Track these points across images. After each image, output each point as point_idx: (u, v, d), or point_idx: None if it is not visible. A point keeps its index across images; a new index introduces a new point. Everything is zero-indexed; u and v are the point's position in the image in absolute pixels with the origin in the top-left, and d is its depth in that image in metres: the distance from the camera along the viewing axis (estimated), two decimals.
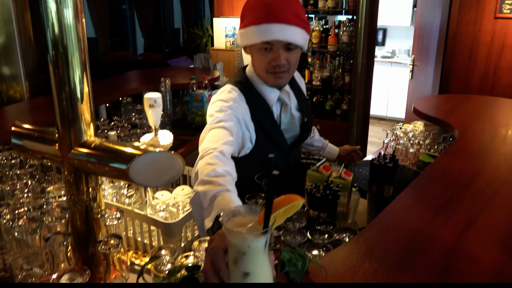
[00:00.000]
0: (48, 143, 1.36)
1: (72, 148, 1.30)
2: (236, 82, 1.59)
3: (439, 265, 1.05)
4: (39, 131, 1.41)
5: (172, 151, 1.24)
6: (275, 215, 0.75)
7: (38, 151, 1.39)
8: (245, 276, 0.72)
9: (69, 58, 1.23)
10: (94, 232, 1.40)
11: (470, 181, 1.53)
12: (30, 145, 1.40)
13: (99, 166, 1.27)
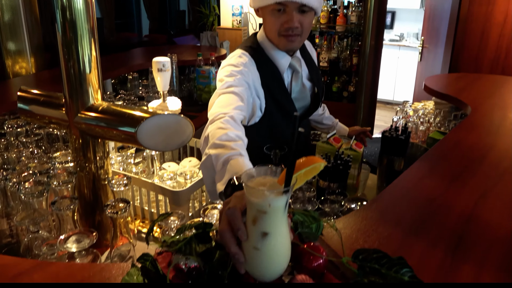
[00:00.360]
0: (54, 107, 1.33)
1: (79, 112, 1.27)
2: (246, 47, 1.55)
3: (455, 230, 1.02)
4: (46, 96, 1.38)
5: (182, 115, 1.22)
6: (296, 176, 0.72)
7: (45, 115, 1.37)
8: (264, 236, 0.70)
9: (77, 23, 1.20)
10: (101, 198, 1.38)
11: (485, 154, 1.50)
12: (37, 109, 1.38)
13: (106, 130, 1.24)
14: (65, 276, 0.84)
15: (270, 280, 0.73)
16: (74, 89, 1.25)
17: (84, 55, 1.24)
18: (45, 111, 1.36)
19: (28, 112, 1.40)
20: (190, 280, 0.77)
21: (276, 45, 1.55)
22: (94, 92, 1.28)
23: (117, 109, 1.25)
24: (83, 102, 1.27)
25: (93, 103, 1.28)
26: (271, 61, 1.55)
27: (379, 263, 0.83)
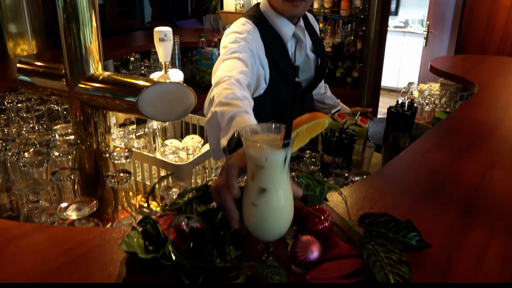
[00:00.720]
0: (54, 78, 1.31)
1: (79, 82, 1.25)
2: (250, 16, 1.52)
3: (464, 199, 1.00)
4: (46, 67, 1.36)
5: (184, 84, 1.19)
6: (297, 131, 0.69)
7: (45, 87, 1.34)
8: (261, 192, 0.67)
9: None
10: (102, 171, 1.36)
11: (493, 129, 1.47)
12: (37, 81, 1.35)
13: (107, 100, 1.22)
14: (64, 239, 0.83)
15: (271, 239, 0.71)
16: (74, 59, 1.23)
17: (85, 25, 1.21)
18: (45, 82, 1.34)
19: (28, 84, 1.37)
20: (192, 241, 0.75)
21: (280, 12, 1.52)
22: (95, 62, 1.25)
23: (118, 78, 1.22)
24: (83, 72, 1.25)
25: (93, 73, 1.25)
26: (274, 30, 1.52)
27: (386, 227, 0.81)
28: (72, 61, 1.23)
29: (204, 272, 0.67)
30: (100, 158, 1.36)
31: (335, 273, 0.69)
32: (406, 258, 0.71)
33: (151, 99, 1.15)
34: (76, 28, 1.20)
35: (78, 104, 1.28)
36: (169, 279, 0.71)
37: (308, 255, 0.71)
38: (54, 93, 1.33)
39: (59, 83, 1.29)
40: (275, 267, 0.64)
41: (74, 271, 0.73)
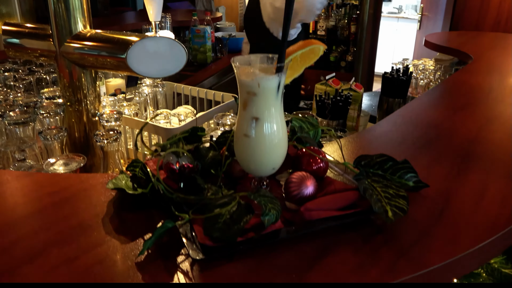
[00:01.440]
0: (41, 38, 1.27)
1: (65, 41, 1.21)
2: None
3: (461, 148, 0.98)
4: (31, 27, 1.32)
5: (175, 39, 1.16)
6: (291, 58, 0.67)
7: (32, 48, 1.30)
8: (254, 122, 0.65)
9: None
10: (91, 134, 1.33)
11: (489, 91, 1.45)
12: (23, 42, 1.31)
13: (95, 57, 1.18)
14: (48, 184, 0.80)
15: (265, 174, 0.68)
16: (61, 17, 1.19)
17: None
18: (32, 43, 1.29)
19: (14, 45, 1.33)
20: (182, 180, 0.73)
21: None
22: (82, 20, 1.22)
23: (106, 34, 1.18)
24: (70, 30, 1.21)
25: (80, 30, 1.21)
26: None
27: (383, 167, 0.78)
28: (59, 19, 1.19)
29: (195, 205, 0.64)
30: (89, 122, 1.32)
31: (331, 205, 0.67)
32: (403, 193, 0.69)
33: (140, 54, 1.12)
34: None
35: (66, 64, 1.24)
36: (158, 216, 0.69)
37: (303, 189, 0.68)
38: (42, 54, 1.29)
39: (45, 43, 1.25)
40: (268, 197, 0.62)
41: (59, 211, 0.70)
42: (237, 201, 0.59)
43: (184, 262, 0.58)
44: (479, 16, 3.91)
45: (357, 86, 1.56)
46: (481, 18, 3.89)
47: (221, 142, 0.81)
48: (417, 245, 0.63)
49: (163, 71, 1.16)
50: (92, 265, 0.57)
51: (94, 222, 0.67)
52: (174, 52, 1.14)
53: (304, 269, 0.57)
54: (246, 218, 0.57)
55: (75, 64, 1.23)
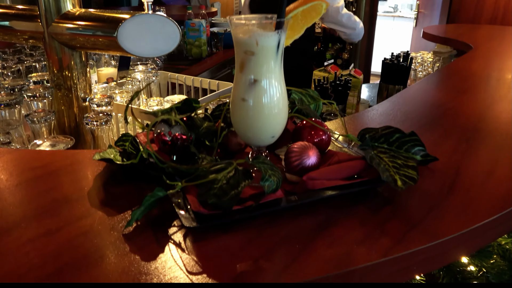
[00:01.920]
0: (28, 19, 1.21)
1: (53, 21, 1.16)
2: None
3: (467, 127, 0.93)
4: (19, 9, 1.26)
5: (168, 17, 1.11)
6: (292, 15, 0.62)
7: (20, 30, 1.25)
8: (252, 84, 0.60)
9: None
10: (81, 120, 1.28)
11: (491, 76, 1.41)
12: (11, 24, 1.26)
13: (85, 37, 1.13)
14: (31, 159, 0.74)
15: (263, 143, 0.63)
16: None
17: None
18: (19, 24, 1.24)
19: (1, 28, 1.28)
20: (176, 153, 0.68)
21: None
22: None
23: (96, 13, 1.13)
24: (59, 9, 1.16)
25: (69, 9, 1.16)
26: None
27: (388, 141, 0.73)
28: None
29: (188, 175, 0.59)
30: (79, 107, 1.27)
31: (335, 174, 0.62)
32: (413, 162, 0.64)
33: (131, 32, 1.07)
34: None
35: (54, 46, 1.19)
36: (148, 190, 0.63)
37: (304, 159, 0.63)
38: (31, 36, 1.24)
39: (33, 24, 1.20)
40: (268, 164, 0.57)
41: (41, 184, 0.65)
42: (234, 166, 0.54)
43: (176, 233, 0.53)
44: (475, 12, 3.88)
45: (356, 72, 1.52)
46: (478, 14, 3.87)
47: (217, 116, 0.76)
48: (428, 217, 0.58)
49: (156, 50, 1.11)
50: (75, 237, 0.52)
51: (79, 196, 0.62)
52: (167, 29, 1.09)
53: (308, 239, 0.52)
54: (244, 183, 0.52)
55: (64, 46, 1.18)
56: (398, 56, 1.55)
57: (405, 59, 1.53)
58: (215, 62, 2.89)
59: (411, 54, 2.55)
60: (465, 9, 3.93)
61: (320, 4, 0.61)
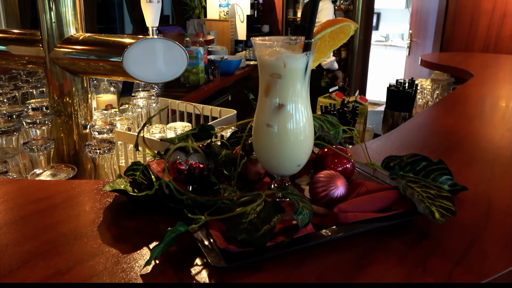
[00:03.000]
0: (29, 44, 1.18)
1: (55, 45, 1.13)
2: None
3: (488, 154, 0.90)
4: (18, 33, 1.23)
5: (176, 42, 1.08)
6: (319, 37, 0.59)
7: (18, 54, 1.21)
8: (278, 109, 0.56)
9: None
10: (81, 148, 1.23)
11: (497, 102, 1.40)
12: (9, 48, 1.22)
13: (87, 62, 1.10)
14: (35, 190, 0.69)
15: (288, 173, 0.59)
16: (51, 21, 1.11)
17: None
18: (18, 49, 1.21)
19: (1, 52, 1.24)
20: (192, 183, 0.63)
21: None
22: (74, 23, 1.14)
23: (100, 37, 1.10)
24: (61, 33, 1.12)
25: (72, 34, 1.13)
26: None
27: (415, 169, 0.70)
28: (49, 21, 1.11)
29: (209, 207, 0.54)
30: (79, 134, 1.22)
31: (367, 206, 0.57)
32: (446, 193, 0.60)
33: (137, 57, 1.04)
34: None
35: (55, 71, 1.15)
36: (164, 223, 0.58)
37: (332, 189, 0.59)
38: (30, 61, 1.20)
39: (34, 49, 1.16)
40: (298, 195, 0.52)
41: (46, 218, 0.59)
42: (263, 198, 0.50)
43: (200, 272, 0.48)
44: (467, 41, 3.95)
45: (362, 98, 1.50)
46: (470, 42, 3.93)
47: (233, 143, 0.72)
48: (470, 252, 0.54)
49: (162, 76, 1.08)
50: (88, 278, 0.47)
51: (89, 230, 0.56)
52: (174, 54, 1.06)
53: (347, 277, 0.47)
54: (277, 217, 0.47)
55: (65, 71, 1.14)
56: (403, 82, 1.53)
57: (410, 86, 1.51)
58: (212, 89, 2.87)
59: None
60: (457, 38, 3.99)
61: (349, 26, 0.58)
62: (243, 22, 4.13)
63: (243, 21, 4.12)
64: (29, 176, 0.89)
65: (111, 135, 1.18)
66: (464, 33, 3.95)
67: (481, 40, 3.87)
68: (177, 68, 1.08)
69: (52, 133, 1.20)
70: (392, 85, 1.54)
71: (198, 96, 2.68)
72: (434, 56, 2.68)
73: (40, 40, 1.15)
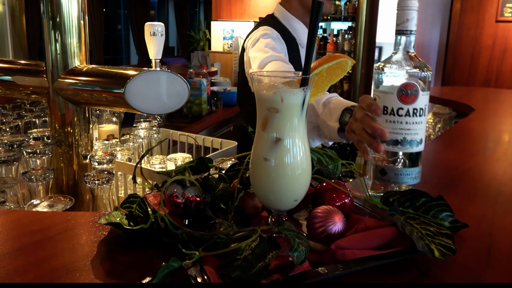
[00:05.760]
0: (33, 74, 1.20)
1: (59, 76, 1.14)
2: (268, 24, 1.54)
3: (491, 189, 0.89)
4: (24, 64, 1.25)
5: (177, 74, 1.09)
6: (316, 73, 0.60)
7: (23, 84, 1.23)
8: (276, 143, 0.56)
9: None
10: (80, 180, 1.22)
11: (499, 137, 1.39)
12: (14, 78, 1.24)
13: (90, 93, 1.11)
14: (29, 222, 0.68)
15: (285, 207, 0.58)
16: (55, 53, 1.13)
17: (68, 20, 1.12)
18: (23, 79, 1.22)
19: (4, 82, 1.26)
20: (189, 216, 0.62)
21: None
22: (79, 55, 1.15)
23: (103, 69, 1.12)
24: (66, 64, 1.14)
25: (76, 65, 1.15)
26: (292, 35, 1.59)
27: (414, 205, 0.69)
28: (54, 53, 1.13)
29: (204, 242, 0.53)
30: (79, 164, 1.22)
31: (366, 243, 0.56)
32: (446, 230, 0.59)
33: (139, 89, 1.05)
34: (60, 20, 1.11)
35: (58, 101, 1.16)
36: (158, 258, 0.57)
37: (330, 225, 0.58)
38: (34, 91, 1.22)
39: (38, 79, 1.18)
40: (294, 231, 0.52)
41: (40, 251, 0.59)
42: (259, 234, 0.49)
43: None
44: (469, 75, 3.99)
45: None
46: (471, 76, 3.98)
47: (231, 176, 0.72)
48: None
49: (163, 107, 1.09)
50: None
51: (81, 265, 0.55)
52: (175, 86, 1.08)
53: None
54: (272, 254, 0.46)
55: (68, 101, 1.15)
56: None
57: None
58: (214, 120, 2.89)
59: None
60: (459, 72, 4.04)
61: (346, 61, 0.59)
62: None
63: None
64: (26, 207, 0.88)
65: (110, 165, 1.17)
66: (466, 67, 4.00)
67: (482, 74, 3.91)
68: (178, 99, 1.09)
69: (52, 163, 1.20)
70: None
71: (200, 127, 2.69)
72: (435, 90, 2.71)
73: (44, 71, 1.17)
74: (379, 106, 0.76)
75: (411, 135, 0.78)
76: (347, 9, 4.42)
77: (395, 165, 0.80)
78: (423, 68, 0.77)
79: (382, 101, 0.77)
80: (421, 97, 0.76)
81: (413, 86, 0.76)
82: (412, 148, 0.79)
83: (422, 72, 0.77)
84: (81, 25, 1.15)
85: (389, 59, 0.80)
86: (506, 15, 3.64)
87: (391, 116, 0.77)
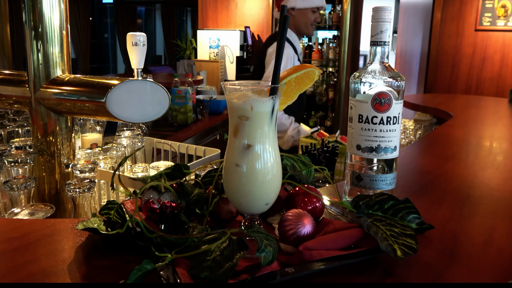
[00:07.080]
0: (15, 84, 1.21)
1: (41, 86, 1.16)
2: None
3: (460, 192, 0.93)
4: (6, 74, 1.26)
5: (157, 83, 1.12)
6: (286, 81, 0.63)
7: (5, 94, 1.24)
8: (246, 149, 0.58)
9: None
10: (62, 189, 1.23)
11: (472, 143, 1.44)
12: None
13: (72, 102, 1.12)
14: (7, 229, 0.70)
15: (257, 211, 0.61)
16: (38, 63, 1.14)
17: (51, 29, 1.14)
18: (5, 89, 1.23)
19: None
20: (164, 221, 0.64)
21: (305, 32, 2.53)
22: (61, 64, 1.17)
23: (85, 79, 1.14)
24: (48, 74, 1.16)
25: (58, 75, 1.16)
26: (294, 46, 2.37)
27: (383, 208, 0.72)
28: (36, 62, 1.14)
29: (178, 246, 0.56)
30: (61, 173, 1.23)
31: (332, 244, 0.59)
32: (410, 231, 0.62)
33: (120, 98, 1.07)
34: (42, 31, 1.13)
35: (40, 111, 1.17)
36: (135, 263, 0.59)
37: (300, 228, 0.61)
38: (16, 101, 1.23)
39: (20, 89, 1.19)
40: (263, 233, 0.54)
41: (17, 257, 0.60)
42: (228, 236, 0.51)
43: None
44: (450, 83, 4.08)
45: (342, 138, 1.53)
46: (453, 84, 4.06)
47: (207, 182, 0.74)
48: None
49: (144, 116, 1.11)
50: None
51: (59, 269, 0.57)
52: (156, 95, 1.10)
53: None
54: (239, 254, 0.48)
55: (50, 111, 1.17)
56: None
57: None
58: (200, 128, 2.91)
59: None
60: (441, 80, 4.12)
61: (313, 71, 0.62)
62: (232, 63, 4.23)
63: (233, 62, 4.22)
64: (6, 215, 0.89)
65: (92, 174, 1.19)
66: (447, 75, 4.09)
67: (463, 82, 4.00)
68: (159, 108, 1.11)
69: (34, 172, 1.21)
70: None
71: (186, 135, 2.70)
72: (417, 97, 2.77)
73: (27, 80, 1.18)
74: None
75: (385, 142, 0.81)
76: (332, 18, 4.49)
77: (370, 171, 0.83)
78: (396, 78, 0.80)
79: (358, 109, 0.81)
80: (395, 105, 0.80)
81: (387, 95, 0.79)
82: (387, 155, 0.82)
83: (395, 82, 0.80)
84: (63, 34, 1.17)
85: (364, 68, 0.83)
86: (485, 24, 3.74)
87: (366, 124, 0.80)
